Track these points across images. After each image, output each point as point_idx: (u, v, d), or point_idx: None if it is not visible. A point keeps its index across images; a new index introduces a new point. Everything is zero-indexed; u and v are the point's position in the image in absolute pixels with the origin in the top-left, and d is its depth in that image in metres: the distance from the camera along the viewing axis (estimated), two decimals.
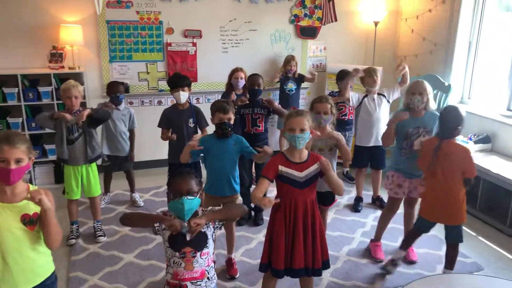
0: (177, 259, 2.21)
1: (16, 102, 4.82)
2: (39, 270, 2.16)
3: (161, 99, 5.56)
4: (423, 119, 3.45)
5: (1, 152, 1.98)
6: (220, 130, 3.24)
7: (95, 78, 5.26)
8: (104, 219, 4.21)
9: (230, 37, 5.69)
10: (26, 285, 2.11)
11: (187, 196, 2.16)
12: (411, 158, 3.45)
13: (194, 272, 2.22)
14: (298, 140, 2.61)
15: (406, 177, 3.51)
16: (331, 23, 6.05)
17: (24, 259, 2.07)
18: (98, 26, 5.16)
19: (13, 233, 2.02)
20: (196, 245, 2.21)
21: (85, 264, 3.56)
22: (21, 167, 2.02)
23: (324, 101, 3.29)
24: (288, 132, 2.64)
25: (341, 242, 3.95)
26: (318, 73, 5.89)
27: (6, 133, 2.09)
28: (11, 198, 2.04)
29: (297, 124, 2.61)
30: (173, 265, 2.23)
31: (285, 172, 2.64)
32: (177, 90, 3.83)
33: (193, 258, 2.21)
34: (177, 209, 2.18)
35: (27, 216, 2.05)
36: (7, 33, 4.87)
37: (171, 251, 2.23)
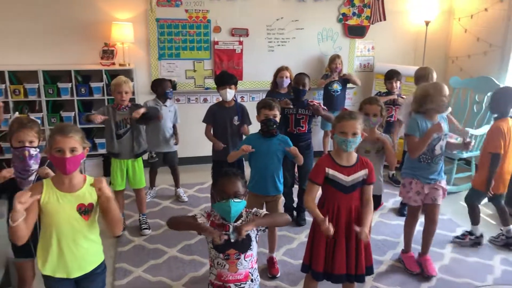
0: (221, 260, 2.20)
1: (69, 96, 5.01)
2: (91, 258, 2.24)
3: (207, 96, 5.62)
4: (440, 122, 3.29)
5: (56, 142, 2.07)
6: (265, 127, 3.24)
7: (144, 75, 5.39)
8: (149, 213, 4.30)
9: (277, 35, 5.68)
10: (78, 272, 2.20)
11: (234, 198, 2.15)
12: (432, 163, 3.31)
13: (238, 274, 2.21)
14: (350, 145, 2.55)
15: (425, 182, 3.35)
16: (379, 22, 5.92)
17: (78, 247, 2.16)
18: (148, 24, 5.28)
19: (69, 222, 2.11)
20: (240, 247, 2.20)
21: (130, 256, 3.65)
22: (76, 156, 2.09)
23: (374, 103, 3.22)
24: (340, 135, 2.57)
25: (385, 246, 3.86)
26: (366, 73, 5.78)
27: (60, 124, 2.19)
28: (69, 188, 2.13)
29: (350, 127, 2.54)
30: (217, 266, 2.23)
31: (331, 175, 2.59)
32: (224, 88, 3.86)
33: (237, 260, 2.20)
34: (223, 211, 2.18)
35: (82, 206, 2.13)
36: (62, 30, 5.07)
37: (215, 252, 2.22)
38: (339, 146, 2.60)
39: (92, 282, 2.28)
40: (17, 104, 4.98)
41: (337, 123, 2.62)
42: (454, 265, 3.59)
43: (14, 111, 4.89)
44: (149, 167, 4.70)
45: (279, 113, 3.28)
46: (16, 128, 2.48)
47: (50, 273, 2.17)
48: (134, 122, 3.80)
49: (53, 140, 2.08)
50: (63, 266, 2.16)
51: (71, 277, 2.19)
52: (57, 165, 2.10)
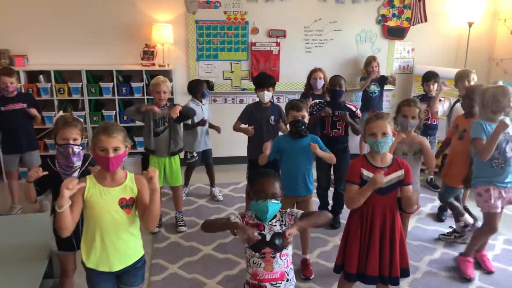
0: (257, 259, 2.22)
1: (111, 96, 5.16)
2: (132, 252, 2.32)
3: (243, 97, 5.67)
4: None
5: (100, 142, 2.16)
6: (294, 128, 3.24)
7: (182, 75, 5.49)
8: (185, 211, 4.37)
9: (314, 37, 5.66)
10: (120, 265, 2.28)
11: (271, 199, 2.17)
12: (506, 166, 3.21)
13: (274, 273, 2.22)
14: (381, 145, 2.53)
15: (502, 187, 3.26)
16: (420, 23, 5.80)
17: (119, 240, 2.24)
18: (188, 26, 5.37)
19: (112, 215, 2.20)
20: (276, 246, 2.20)
21: (166, 253, 3.73)
22: (118, 155, 2.18)
23: (412, 105, 3.17)
24: (370, 137, 2.56)
25: (421, 252, 3.78)
26: (405, 75, 5.68)
27: (104, 124, 2.27)
28: (111, 183, 2.22)
29: (378, 128, 2.53)
30: (252, 265, 2.24)
31: (365, 176, 2.57)
32: (262, 90, 3.88)
33: (272, 259, 2.20)
34: (260, 211, 2.19)
35: (124, 200, 2.22)
36: (105, 31, 5.24)
37: (250, 251, 2.24)
38: (372, 148, 2.59)
39: (132, 276, 2.35)
40: (61, 102, 5.17)
41: (366, 126, 2.62)
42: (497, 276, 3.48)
43: (59, 109, 5.08)
44: (185, 165, 4.78)
45: (307, 113, 3.28)
46: (61, 126, 2.58)
47: (93, 266, 2.25)
48: (172, 120, 3.88)
49: (97, 139, 2.17)
50: (105, 259, 2.24)
51: (113, 270, 2.27)
52: (101, 163, 2.20)
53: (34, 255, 2.73)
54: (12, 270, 2.56)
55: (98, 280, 2.30)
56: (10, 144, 4.22)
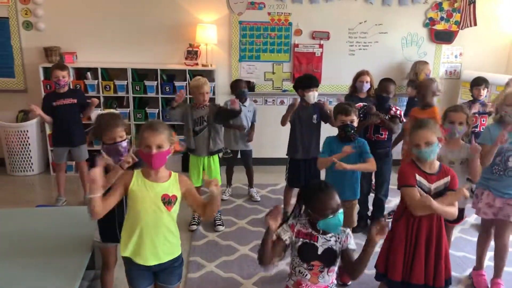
0: (304, 269, 2.18)
1: (155, 94, 5.27)
2: (168, 249, 2.33)
3: (284, 99, 5.65)
4: None
5: (145, 138, 2.20)
6: (343, 133, 3.20)
7: (225, 75, 5.53)
8: (224, 210, 4.41)
9: (359, 39, 5.58)
10: (155, 260, 2.30)
11: (337, 211, 2.11)
12: (505, 175, 3.09)
13: (318, 286, 2.18)
14: (427, 154, 2.47)
15: (497, 195, 3.13)
16: (469, 27, 5.61)
17: (158, 235, 2.27)
18: (231, 27, 5.41)
19: (153, 210, 2.24)
20: (326, 260, 2.16)
21: (203, 251, 3.76)
22: (162, 152, 2.21)
23: (459, 110, 3.07)
24: (414, 148, 2.51)
25: (464, 264, 3.65)
26: (451, 80, 5.51)
27: (150, 122, 2.32)
28: (155, 179, 2.27)
29: (420, 138, 2.47)
30: (297, 274, 2.21)
31: (418, 181, 2.52)
32: (310, 90, 3.86)
33: (320, 273, 2.17)
34: (332, 226, 2.12)
35: (167, 196, 2.25)
36: (150, 31, 5.35)
37: (298, 260, 2.20)
38: (418, 157, 2.54)
39: (169, 275, 2.38)
40: (107, 99, 5.32)
41: (409, 136, 2.56)
42: None
43: (105, 106, 5.23)
44: (225, 165, 4.82)
45: (356, 117, 3.23)
46: (105, 128, 2.64)
47: (129, 255, 2.29)
48: (211, 120, 3.91)
49: (142, 137, 2.21)
50: (141, 252, 2.27)
51: (147, 264, 2.30)
52: (145, 160, 2.23)
53: (77, 246, 2.80)
54: (56, 261, 2.64)
55: (136, 274, 2.34)
56: (61, 138, 4.37)
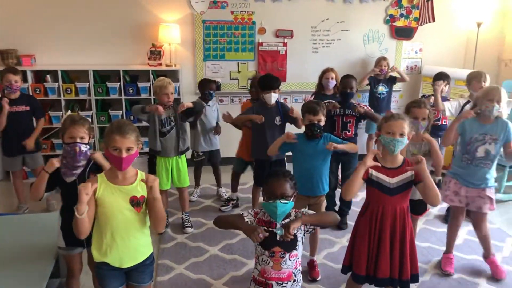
0: (266, 257, 2.23)
1: (118, 96, 5.17)
2: (142, 249, 2.34)
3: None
4: (493, 126, 3.20)
5: (114, 141, 2.17)
6: (309, 132, 3.22)
7: (189, 75, 5.48)
8: (191, 211, 4.36)
9: (322, 37, 5.64)
10: (130, 262, 2.31)
11: (281, 199, 2.18)
12: (472, 165, 3.24)
13: (281, 273, 2.23)
14: (397, 145, 2.50)
15: (463, 184, 3.29)
16: (428, 23, 5.76)
17: (130, 237, 2.27)
18: (195, 26, 5.37)
19: (123, 213, 2.22)
20: (286, 246, 2.21)
21: (172, 253, 3.72)
22: (131, 155, 2.20)
23: (423, 107, 3.14)
24: (387, 135, 2.52)
25: (430, 254, 3.75)
26: (413, 75, 5.65)
27: (118, 123, 2.27)
28: (122, 182, 2.24)
29: (398, 127, 2.50)
30: (261, 263, 2.26)
31: (375, 176, 2.55)
32: (269, 92, 3.80)
33: (281, 259, 2.22)
34: (270, 211, 2.22)
35: (135, 198, 2.23)
36: (112, 31, 5.24)
37: (260, 249, 2.25)
38: (386, 147, 2.55)
39: (142, 273, 2.38)
40: (69, 102, 5.18)
41: (384, 123, 2.58)
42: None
43: (66, 109, 5.09)
44: (193, 166, 4.77)
45: (323, 117, 3.25)
46: (68, 125, 2.58)
47: (104, 260, 2.27)
48: (178, 119, 3.87)
49: (111, 138, 2.17)
50: (116, 256, 2.26)
51: (123, 267, 2.29)
52: (113, 162, 2.21)
53: (41, 254, 2.72)
54: (19, 270, 2.56)
55: (108, 276, 2.32)
56: (11, 146, 4.21)
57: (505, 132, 3.19)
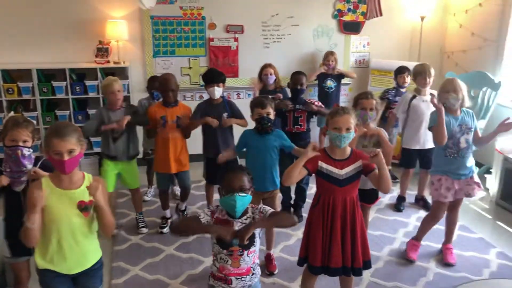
0: (224, 256, 2.22)
1: (64, 95, 4.98)
2: (90, 255, 2.26)
3: (203, 93, 5.58)
4: (464, 116, 3.33)
5: (54, 145, 2.06)
6: (259, 126, 3.24)
7: (139, 72, 5.37)
8: (146, 211, 4.29)
9: (272, 32, 5.66)
10: (78, 268, 2.22)
11: (239, 192, 2.17)
12: (459, 156, 3.33)
13: (240, 269, 2.24)
14: (344, 140, 2.54)
15: (455, 178, 3.37)
16: (375, 18, 5.91)
17: (78, 243, 2.18)
18: (143, 22, 5.25)
19: (70, 219, 2.13)
20: (244, 244, 2.20)
21: (127, 255, 3.65)
22: (74, 157, 2.09)
23: (370, 97, 3.22)
24: (333, 131, 2.56)
25: (382, 242, 3.87)
26: (361, 68, 5.79)
27: (56, 125, 2.16)
28: (69, 186, 2.15)
29: (343, 123, 2.53)
30: (219, 261, 2.25)
31: (324, 168, 2.59)
32: (212, 86, 3.80)
33: (240, 257, 2.22)
34: (229, 205, 2.20)
35: (83, 203, 2.14)
36: (56, 28, 5.04)
37: (218, 247, 2.23)
38: (333, 142, 2.59)
39: (90, 278, 2.29)
40: (11, 103, 4.94)
41: (330, 119, 2.61)
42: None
43: (8, 110, 4.86)
44: (146, 166, 4.69)
45: (272, 110, 3.27)
46: (10, 127, 2.46)
47: (49, 267, 2.17)
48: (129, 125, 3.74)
49: (50, 142, 2.07)
50: (63, 263, 2.17)
51: (71, 273, 2.21)
52: (56, 166, 2.10)
53: None
54: None
55: (54, 283, 2.21)
56: None
57: (472, 120, 3.32)
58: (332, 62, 5.44)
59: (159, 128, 3.81)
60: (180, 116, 3.81)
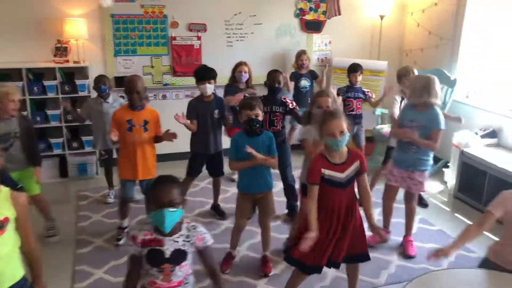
0: (155, 272, 2.09)
1: (21, 96, 4.80)
2: (8, 273, 2.02)
3: (166, 93, 5.55)
4: (425, 114, 3.39)
5: None
6: (248, 127, 3.22)
7: (100, 72, 5.19)
8: (109, 213, 4.23)
9: (235, 30, 5.66)
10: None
11: (169, 208, 2.00)
12: (402, 148, 3.52)
13: (172, 283, 2.11)
14: (341, 144, 2.58)
15: (396, 166, 3.58)
16: (335, 16, 6.01)
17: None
18: (103, 20, 5.15)
19: None
20: (175, 261, 2.09)
21: (90, 258, 3.58)
22: None
23: (325, 95, 3.31)
24: (329, 137, 2.58)
25: None
26: (323, 67, 5.88)
27: None
28: None
29: (336, 127, 2.55)
30: (150, 276, 2.11)
31: (327, 175, 2.63)
32: (204, 83, 3.84)
33: (171, 273, 2.09)
34: (158, 221, 2.03)
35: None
36: (12, 26, 4.87)
37: (148, 265, 2.10)
38: (331, 148, 2.63)
39: None
40: None
41: (323, 126, 2.62)
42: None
43: None
44: (103, 167, 4.61)
45: (261, 112, 3.25)
46: None
47: None
48: (22, 133, 3.50)
49: None
50: None
51: None
52: None
53: None
54: None
55: None
56: None
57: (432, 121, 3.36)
58: (305, 61, 5.49)
59: (124, 132, 3.60)
60: (148, 120, 3.63)
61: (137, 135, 3.59)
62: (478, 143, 4.64)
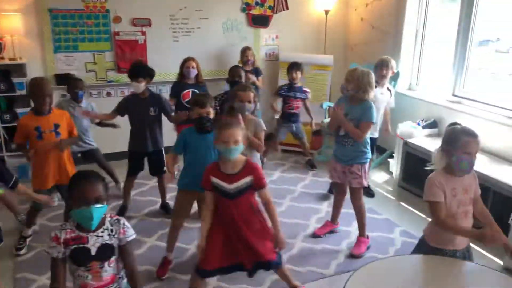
0: (83, 272, 2.02)
1: None
2: None
3: (110, 90, 5.38)
4: (358, 107, 3.41)
5: None
6: (199, 125, 3.15)
7: (39, 69, 5.01)
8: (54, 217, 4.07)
9: (181, 25, 5.57)
10: None
11: (95, 204, 1.94)
12: (337, 141, 3.58)
13: (104, 281, 2.05)
14: (233, 153, 2.56)
15: (336, 160, 3.61)
16: (282, 11, 6.03)
17: None
18: (40, 15, 4.91)
19: None
20: (103, 257, 2.03)
21: (32, 264, 3.42)
22: None
23: (247, 90, 3.34)
24: (222, 145, 2.55)
25: (296, 229, 3.98)
26: (271, 62, 5.89)
27: None
28: None
29: (230, 136, 2.53)
30: (79, 278, 2.04)
31: (215, 183, 2.63)
32: (136, 80, 3.81)
33: (101, 270, 2.03)
34: (83, 218, 1.95)
35: None
36: None
37: (73, 266, 2.03)
38: (222, 155, 2.61)
39: None
40: None
41: (217, 132, 2.61)
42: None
43: None
44: None
45: (212, 109, 3.21)
46: None
47: None
48: None
49: None
50: None
51: None
52: None
53: None
54: None
55: None
56: None
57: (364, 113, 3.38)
58: (250, 57, 5.46)
59: (34, 142, 3.36)
60: (59, 123, 3.39)
61: (49, 142, 3.36)
62: (420, 134, 4.81)
